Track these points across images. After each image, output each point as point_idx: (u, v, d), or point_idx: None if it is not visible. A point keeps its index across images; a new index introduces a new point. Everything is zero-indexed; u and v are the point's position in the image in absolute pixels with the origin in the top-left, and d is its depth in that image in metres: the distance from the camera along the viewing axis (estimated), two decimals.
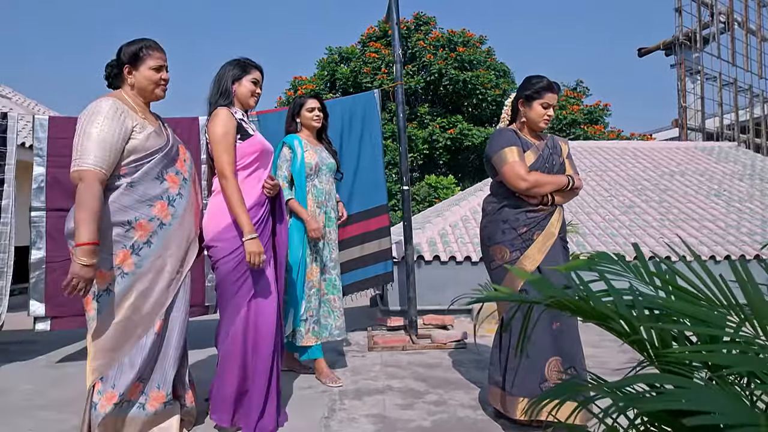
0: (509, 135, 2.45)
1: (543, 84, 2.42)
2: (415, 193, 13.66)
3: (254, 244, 2.27)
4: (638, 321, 0.81)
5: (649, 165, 8.24)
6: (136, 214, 2.07)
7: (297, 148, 3.09)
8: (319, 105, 3.21)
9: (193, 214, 2.31)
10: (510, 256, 2.38)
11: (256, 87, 2.51)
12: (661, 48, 19.54)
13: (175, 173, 2.20)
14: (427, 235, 5.41)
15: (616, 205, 6.59)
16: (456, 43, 14.46)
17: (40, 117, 3.76)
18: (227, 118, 2.37)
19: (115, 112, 2.04)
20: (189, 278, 2.30)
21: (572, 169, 2.53)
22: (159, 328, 2.14)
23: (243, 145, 2.40)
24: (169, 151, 2.19)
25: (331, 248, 3.18)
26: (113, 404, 2.07)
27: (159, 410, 2.18)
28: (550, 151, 2.47)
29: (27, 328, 4.27)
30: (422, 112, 14.24)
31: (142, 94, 2.20)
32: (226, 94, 2.46)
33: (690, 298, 0.81)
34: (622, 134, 14.58)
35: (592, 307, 0.75)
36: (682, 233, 5.83)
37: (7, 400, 2.88)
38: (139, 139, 2.08)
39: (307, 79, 14.79)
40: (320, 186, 3.13)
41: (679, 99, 17.79)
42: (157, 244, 2.11)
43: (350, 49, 14.85)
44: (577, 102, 14.76)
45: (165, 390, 2.19)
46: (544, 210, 2.41)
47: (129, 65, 2.15)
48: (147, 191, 2.10)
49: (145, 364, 2.12)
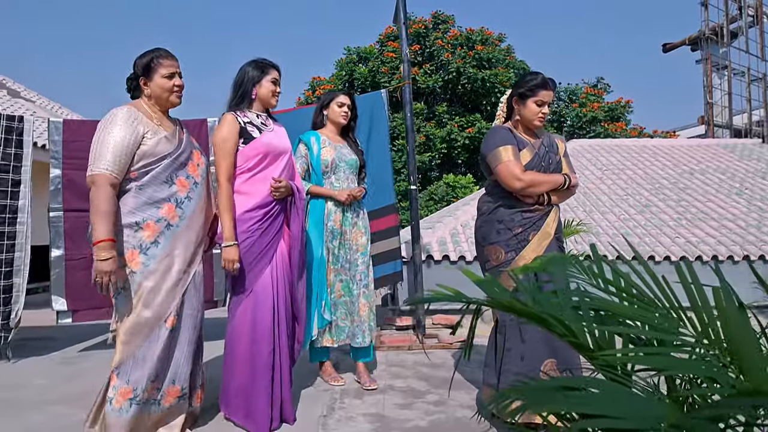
0: (504, 133, 2.43)
1: (537, 81, 2.38)
2: (433, 193, 13.63)
3: (230, 251, 2.38)
4: (581, 322, 0.81)
5: (669, 163, 8.08)
6: (143, 215, 2.17)
7: (313, 145, 3.04)
8: (350, 102, 3.13)
9: (203, 217, 2.38)
10: (505, 256, 2.35)
11: (276, 86, 2.59)
12: (686, 43, 19.09)
13: (185, 177, 2.29)
14: (438, 235, 5.41)
15: (632, 204, 6.48)
16: (474, 41, 14.36)
17: (55, 120, 3.88)
18: (229, 124, 2.46)
19: (128, 119, 2.16)
20: (201, 277, 2.37)
21: (569, 168, 2.49)
22: (170, 323, 2.21)
23: (245, 149, 2.47)
24: (179, 156, 2.27)
25: (347, 249, 3.07)
26: (128, 400, 2.13)
27: (173, 404, 2.26)
28: (546, 150, 2.44)
29: (47, 325, 4.41)
30: (440, 111, 14.19)
31: (158, 102, 2.30)
32: (247, 97, 2.55)
33: (636, 301, 0.81)
34: (644, 132, 14.31)
35: (528, 309, 0.75)
36: (700, 233, 5.71)
37: (20, 394, 2.98)
38: (149, 144, 2.18)
39: (326, 79, 14.87)
40: (337, 183, 3.05)
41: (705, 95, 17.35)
42: (164, 244, 2.19)
43: (368, 48, 14.86)
44: (598, 99, 14.52)
45: (179, 384, 2.26)
46: (540, 210, 2.38)
47: (143, 77, 2.27)
48: (155, 194, 2.19)
49: (158, 359, 2.18)
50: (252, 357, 2.41)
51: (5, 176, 3.78)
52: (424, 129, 13.86)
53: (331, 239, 3.01)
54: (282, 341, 2.50)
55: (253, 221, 2.46)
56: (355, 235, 3.09)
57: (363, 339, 3.06)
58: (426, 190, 13.91)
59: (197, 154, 2.39)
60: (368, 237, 3.16)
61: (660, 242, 5.48)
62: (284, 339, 2.52)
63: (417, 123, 13.96)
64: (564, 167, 2.48)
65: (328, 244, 3.01)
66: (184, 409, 2.33)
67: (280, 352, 2.48)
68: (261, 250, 2.47)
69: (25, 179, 3.85)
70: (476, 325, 0.89)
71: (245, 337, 2.43)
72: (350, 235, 3.07)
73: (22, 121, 3.81)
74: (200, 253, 2.37)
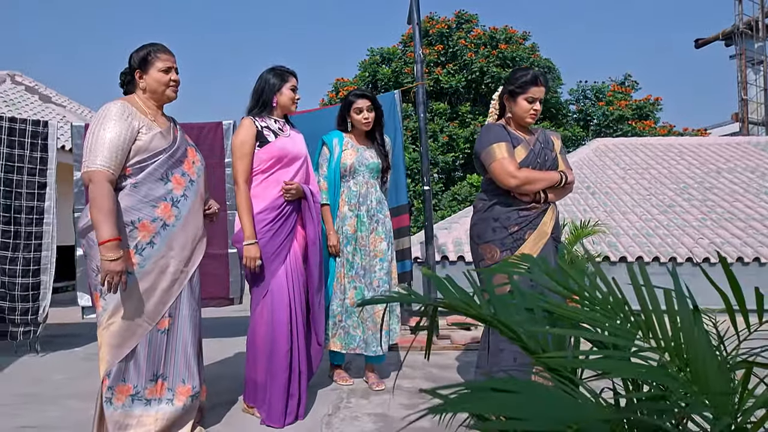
0: (498, 130, 2.39)
1: (527, 78, 2.34)
2: (456, 193, 13.58)
3: (251, 249, 2.46)
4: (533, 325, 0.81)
5: (695, 162, 7.88)
6: (139, 214, 2.12)
7: (335, 147, 3.00)
8: (369, 104, 2.98)
9: (200, 216, 2.35)
10: (500, 255, 2.31)
11: (295, 93, 2.68)
12: (720, 38, 18.58)
13: (181, 174, 2.24)
14: (453, 236, 5.40)
15: (654, 204, 6.35)
16: (498, 40, 14.26)
17: (77, 124, 4.02)
18: (246, 128, 2.58)
19: (122, 114, 2.11)
20: (197, 277, 2.34)
21: (565, 165, 2.45)
22: (164, 325, 2.20)
23: (260, 152, 2.57)
24: (175, 152, 2.23)
25: (363, 255, 2.97)
26: (130, 396, 2.14)
27: (187, 404, 2.23)
28: (541, 146, 2.41)
29: (73, 322, 4.58)
30: (464, 111, 14.12)
31: (153, 97, 2.26)
32: (268, 105, 2.64)
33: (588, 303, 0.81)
34: (674, 129, 13.96)
35: (473, 310, 0.76)
36: (725, 234, 5.56)
37: (42, 388, 3.10)
38: (144, 140, 2.14)
39: (349, 80, 14.95)
40: (354, 188, 2.97)
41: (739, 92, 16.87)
42: (160, 245, 2.16)
43: (392, 49, 14.89)
44: (625, 97, 14.24)
45: (191, 383, 2.24)
46: (537, 208, 2.35)
47: (139, 69, 2.23)
48: (150, 192, 2.15)
49: (154, 360, 2.18)
50: (270, 354, 2.51)
51: (32, 179, 3.94)
52: (447, 129, 13.82)
53: (345, 244, 2.96)
54: (300, 340, 2.58)
55: (264, 223, 2.54)
56: (373, 241, 2.99)
57: (378, 348, 2.95)
58: (449, 190, 13.88)
59: (192, 151, 2.35)
60: (390, 242, 3.04)
61: (682, 243, 5.37)
62: (302, 337, 2.60)
63: (440, 123, 13.93)
64: (560, 164, 2.44)
65: (342, 248, 2.96)
66: (196, 407, 2.34)
67: (299, 349, 2.57)
68: (274, 251, 2.54)
69: (50, 182, 4.00)
70: (435, 326, 0.91)
71: (264, 335, 2.52)
72: (367, 240, 2.97)
73: (46, 126, 3.96)
74: (199, 254, 2.33)
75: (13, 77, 8.19)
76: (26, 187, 3.92)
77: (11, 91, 7.82)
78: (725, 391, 0.75)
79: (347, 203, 2.98)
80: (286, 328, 2.50)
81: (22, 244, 3.91)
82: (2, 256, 3.87)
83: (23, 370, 3.52)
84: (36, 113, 7.24)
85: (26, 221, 3.93)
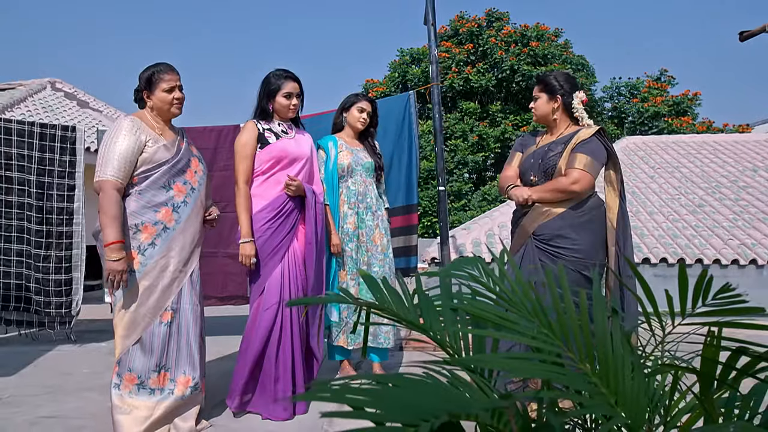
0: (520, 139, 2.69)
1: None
2: (486, 193, 13.49)
3: (246, 247, 2.57)
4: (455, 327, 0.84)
5: (729, 160, 7.61)
6: (143, 218, 2.33)
7: (331, 150, 3.11)
8: (370, 109, 3.17)
9: (199, 220, 2.53)
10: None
11: (291, 100, 2.72)
12: (766, 31, 17.85)
13: (182, 183, 2.44)
14: (473, 236, 5.39)
15: (683, 204, 6.17)
16: (529, 37, 14.09)
17: (103, 129, 4.20)
18: (248, 130, 2.69)
19: (132, 129, 2.34)
20: (197, 275, 2.51)
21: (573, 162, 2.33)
22: (166, 318, 2.37)
23: (261, 153, 2.68)
24: (177, 163, 2.43)
25: (365, 251, 3.08)
26: (136, 385, 2.32)
27: (186, 394, 2.39)
28: (546, 149, 2.46)
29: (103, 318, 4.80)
30: (494, 110, 14.02)
31: (160, 114, 2.47)
32: (264, 112, 2.74)
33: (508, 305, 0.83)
34: (713, 126, 13.50)
35: (396, 312, 0.80)
36: (757, 234, 5.37)
37: (66, 380, 3.27)
38: (149, 152, 2.35)
39: (379, 81, 15.05)
40: (353, 187, 3.09)
41: None
42: (160, 246, 2.35)
43: (421, 49, 14.91)
44: (661, 93, 13.85)
45: (191, 375, 2.41)
46: (525, 210, 2.46)
47: (146, 90, 2.44)
48: (153, 198, 2.35)
49: (158, 350, 2.34)
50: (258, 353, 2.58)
51: (62, 181, 4.15)
52: (478, 129, 13.73)
53: (347, 241, 3.05)
54: (294, 338, 2.63)
55: (263, 222, 2.63)
56: (374, 237, 3.11)
57: (386, 340, 3.07)
58: (479, 190, 13.79)
59: (195, 161, 2.54)
60: (389, 239, 3.17)
61: (710, 245, 5.21)
62: (296, 335, 2.64)
63: (470, 123, 13.85)
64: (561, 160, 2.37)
65: (344, 246, 3.05)
66: (199, 400, 2.48)
67: (293, 348, 2.61)
68: (272, 249, 2.63)
69: (79, 184, 4.21)
70: (368, 327, 0.94)
71: (252, 332, 2.60)
72: (369, 237, 3.09)
73: (74, 131, 4.17)
74: (197, 253, 2.51)
75: (54, 84, 8.60)
76: (57, 189, 4.15)
77: (51, 97, 8.21)
78: (640, 402, 0.75)
79: (347, 202, 3.09)
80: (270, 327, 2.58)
81: (54, 243, 4.15)
82: (36, 255, 4.10)
83: (52, 364, 3.72)
84: (73, 118, 7.57)
85: (57, 221, 4.16)
